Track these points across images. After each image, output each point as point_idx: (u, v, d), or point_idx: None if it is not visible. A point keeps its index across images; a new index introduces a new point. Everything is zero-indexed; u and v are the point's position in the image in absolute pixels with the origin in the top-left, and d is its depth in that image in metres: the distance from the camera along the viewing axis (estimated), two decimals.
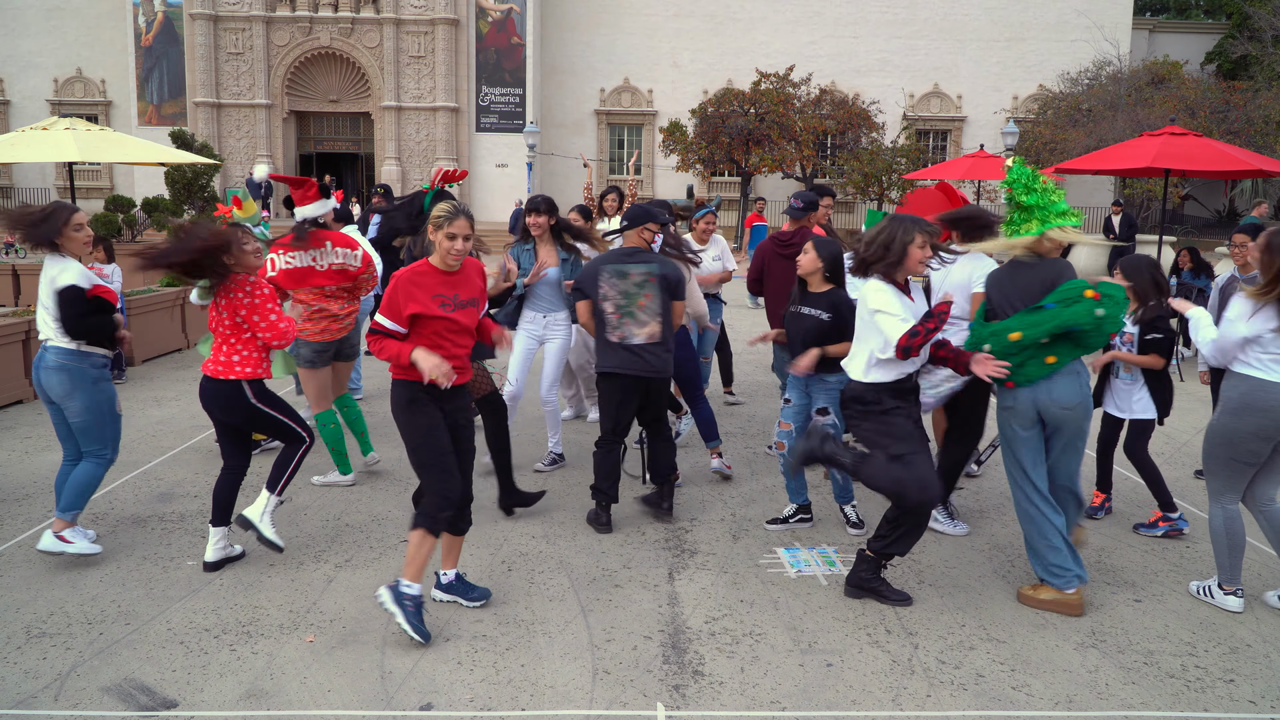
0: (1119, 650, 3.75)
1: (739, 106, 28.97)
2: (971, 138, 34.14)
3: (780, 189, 34.32)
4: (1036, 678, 3.53)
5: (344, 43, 32.12)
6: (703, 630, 3.87)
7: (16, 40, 33.88)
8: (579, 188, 34.09)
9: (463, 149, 32.88)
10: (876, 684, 3.47)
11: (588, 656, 3.65)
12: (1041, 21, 34.44)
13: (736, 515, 5.28)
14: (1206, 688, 3.49)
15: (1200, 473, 6.19)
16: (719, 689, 3.43)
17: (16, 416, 7.43)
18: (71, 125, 9.76)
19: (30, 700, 3.28)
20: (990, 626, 3.94)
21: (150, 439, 6.71)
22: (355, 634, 3.79)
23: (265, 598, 4.12)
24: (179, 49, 32.23)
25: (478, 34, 32.56)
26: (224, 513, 4.41)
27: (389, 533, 4.93)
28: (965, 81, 34.96)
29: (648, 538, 4.92)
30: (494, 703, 3.31)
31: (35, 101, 34.10)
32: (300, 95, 33.00)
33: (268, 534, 4.36)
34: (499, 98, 32.98)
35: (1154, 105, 26.40)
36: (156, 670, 3.49)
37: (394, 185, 31.98)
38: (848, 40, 34.73)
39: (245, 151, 32.51)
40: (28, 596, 4.10)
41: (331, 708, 3.27)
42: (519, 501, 5.22)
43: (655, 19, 34.68)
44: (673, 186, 33.26)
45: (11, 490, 5.57)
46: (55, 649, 3.64)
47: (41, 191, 34.22)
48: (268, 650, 3.65)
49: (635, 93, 35.21)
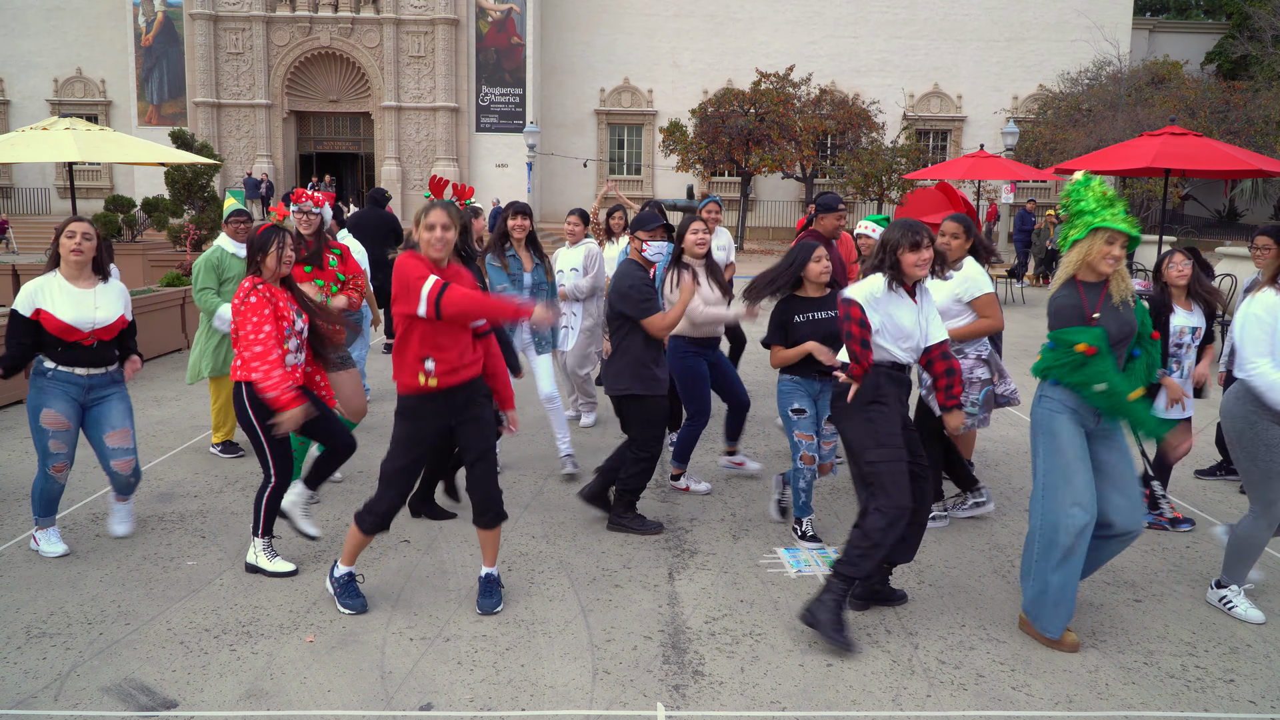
0: (1119, 650, 3.75)
1: (739, 106, 28.98)
2: (971, 138, 34.17)
3: (780, 189, 34.38)
4: (1036, 678, 3.53)
5: (344, 43, 32.14)
6: (703, 630, 3.87)
7: (16, 40, 33.90)
8: (579, 188, 34.15)
9: (463, 149, 32.90)
10: (876, 684, 3.47)
11: (588, 656, 3.65)
12: (1041, 21, 34.47)
13: (736, 515, 5.28)
14: (1206, 688, 3.49)
15: (1201, 473, 6.19)
16: (719, 689, 3.43)
17: (17, 416, 7.43)
18: (71, 125, 9.76)
19: (30, 700, 3.28)
20: (990, 626, 3.94)
21: (150, 439, 6.71)
22: (355, 634, 3.80)
23: (265, 598, 4.12)
24: (179, 49, 32.24)
25: (478, 34, 32.57)
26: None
27: (389, 532, 4.92)
28: (965, 81, 34.98)
29: (648, 538, 4.92)
30: (494, 703, 3.31)
31: (35, 101, 34.12)
32: (300, 95, 33.01)
33: (274, 569, 4.36)
34: (499, 98, 32.99)
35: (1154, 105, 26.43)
36: (156, 670, 3.49)
37: (394, 185, 32.01)
38: (848, 40, 34.75)
39: (245, 151, 32.52)
40: (28, 596, 4.10)
41: (331, 708, 3.27)
42: (431, 511, 5.17)
43: (655, 19, 34.69)
44: (673, 186, 33.28)
45: (12, 490, 5.57)
46: (55, 649, 3.64)
47: (41, 191, 34.24)
48: (268, 650, 3.65)
49: (635, 93, 35.22)
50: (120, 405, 4.55)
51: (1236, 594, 4.09)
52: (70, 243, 4.30)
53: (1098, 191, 3.75)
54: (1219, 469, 6.14)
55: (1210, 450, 6.70)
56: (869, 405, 3.81)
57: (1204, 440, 7.03)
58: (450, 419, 3.88)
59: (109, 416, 4.50)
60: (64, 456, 4.42)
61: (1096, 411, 3.72)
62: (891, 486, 3.69)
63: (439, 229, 3.71)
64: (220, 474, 5.94)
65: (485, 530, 3.98)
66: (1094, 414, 3.73)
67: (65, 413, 4.36)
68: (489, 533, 3.99)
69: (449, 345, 3.77)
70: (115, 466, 4.55)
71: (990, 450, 6.72)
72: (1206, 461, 6.46)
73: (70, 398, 4.38)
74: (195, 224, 17.06)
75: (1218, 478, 6.11)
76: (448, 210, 3.75)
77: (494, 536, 4.01)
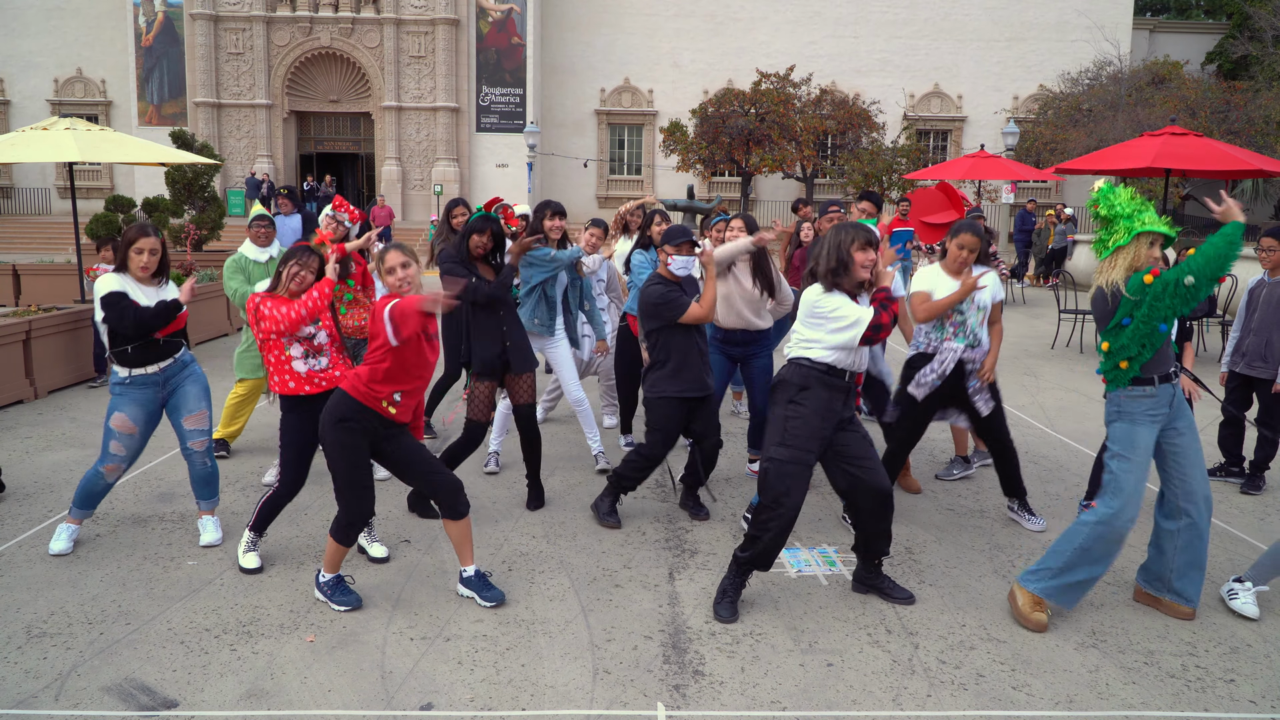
0: (1119, 650, 3.75)
1: (739, 106, 28.99)
2: (972, 138, 34.17)
3: (781, 189, 34.36)
4: (1037, 678, 3.53)
5: (344, 43, 32.14)
6: (703, 630, 3.87)
7: (16, 40, 33.90)
8: (579, 188, 34.17)
9: (463, 149, 32.90)
10: (877, 684, 3.47)
11: (588, 656, 3.65)
12: (1042, 21, 34.46)
13: (736, 515, 5.28)
14: (1207, 688, 3.49)
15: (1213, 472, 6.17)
16: (719, 689, 3.43)
17: (17, 416, 7.44)
18: (71, 125, 9.76)
19: (30, 700, 3.29)
20: (990, 626, 3.94)
21: (151, 439, 6.70)
22: (355, 634, 3.80)
23: (265, 598, 4.12)
24: (179, 49, 32.24)
25: (478, 34, 32.57)
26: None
27: (388, 532, 4.93)
28: (966, 81, 34.97)
29: (648, 538, 4.92)
30: (494, 703, 3.31)
31: (35, 101, 34.12)
32: (300, 95, 33.01)
33: (242, 564, 4.43)
34: (499, 98, 32.98)
35: (1154, 105, 26.40)
36: (157, 670, 3.49)
37: (394, 185, 32.02)
38: (848, 40, 34.75)
39: (245, 151, 32.52)
40: (28, 596, 4.10)
41: (331, 708, 3.27)
42: (424, 510, 5.22)
43: (655, 19, 34.69)
44: (673, 187, 33.27)
45: (12, 490, 5.57)
46: (55, 649, 3.64)
47: (41, 191, 34.25)
48: (268, 650, 3.65)
49: (635, 93, 35.21)
50: (194, 388, 4.76)
51: (1247, 591, 4.12)
52: (139, 259, 4.53)
53: (1125, 196, 3.81)
54: (1221, 470, 6.13)
55: (1213, 450, 6.71)
56: (789, 403, 3.93)
57: (1205, 440, 7.03)
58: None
59: (185, 401, 4.73)
60: (121, 459, 4.62)
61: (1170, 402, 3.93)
62: (775, 484, 3.87)
63: (399, 269, 3.87)
64: (221, 474, 5.93)
65: (454, 522, 4.03)
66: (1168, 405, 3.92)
67: (136, 418, 4.59)
68: (460, 528, 4.04)
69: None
70: (191, 445, 4.76)
71: None
72: (1209, 461, 6.46)
73: (146, 401, 4.62)
74: (195, 224, 17.07)
75: (1219, 478, 6.11)
76: (406, 252, 3.93)
77: (467, 534, 4.07)
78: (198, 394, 4.76)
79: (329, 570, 4.07)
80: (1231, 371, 6.01)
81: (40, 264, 14.11)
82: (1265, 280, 5.93)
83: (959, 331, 5.00)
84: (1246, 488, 5.88)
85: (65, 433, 7.00)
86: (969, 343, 4.99)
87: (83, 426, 7.19)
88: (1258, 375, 5.82)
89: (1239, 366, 5.92)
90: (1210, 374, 9.74)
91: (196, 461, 4.79)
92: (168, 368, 4.65)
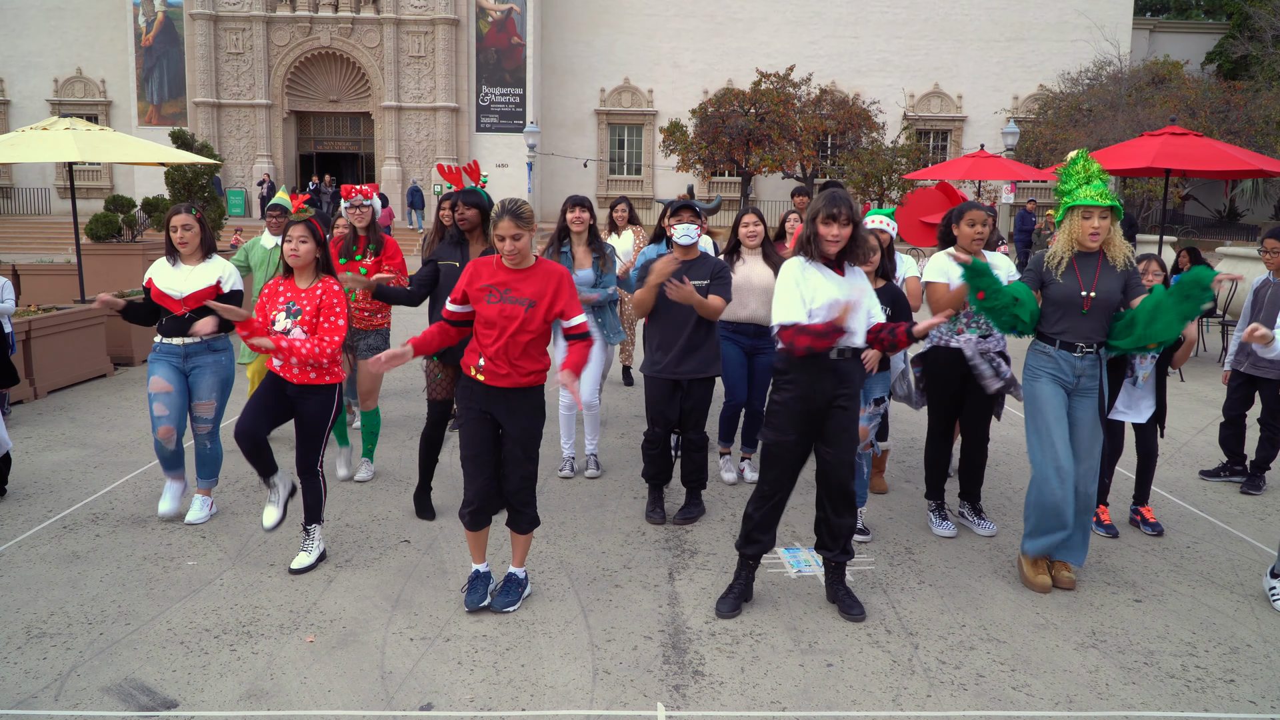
0: (1119, 650, 3.75)
1: (739, 106, 29.00)
2: (972, 138, 34.17)
3: (781, 189, 34.36)
4: (1036, 678, 3.53)
5: (344, 43, 32.14)
6: (703, 630, 3.87)
7: (16, 40, 33.91)
8: (579, 188, 34.15)
9: (463, 149, 32.90)
10: (876, 684, 3.47)
11: (588, 656, 3.65)
12: (1042, 21, 34.47)
13: (736, 515, 5.27)
14: (1207, 688, 3.49)
15: (1205, 473, 6.18)
16: (719, 689, 3.43)
17: (17, 416, 7.44)
18: (71, 125, 9.75)
19: (30, 700, 3.28)
20: (990, 626, 3.94)
21: (150, 439, 6.71)
22: (355, 634, 3.80)
23: (265, 598, 4.12)
24: (179, 49, 32.25)
25: (478, 34, 32.58)
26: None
27: (389, 532, 4.93)
28: (965, 81, 34.98)
29: (648, 538, 4.92)
30: (494, 703, 3.31)
31: (35, 101, 34.13)
32: (300, 95, 33.01)
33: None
34: (499, 98, 33.00)
35: (1154, 105, 26.42)
36: (157, 670, 3.49)
37: (394, 185, 32.03)
38: (848, 40, 34.75)
39: (245, 151, 32.53)
40: (28, 596, 4.10)
41: (331, 708, 3.27)
42: (425, 510, 5.23)
43: (655, 19, 34.70)
44: (673, 186, 33.29)
45: (12, 490, 5.57)
46: (55, 649, 3.64)
47: (41, 191, 34.25)
48: (268, 650, 3.65)
49: (635, 93, 35.22)
50: (211, 378, 4.98)
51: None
52: (175, 235, 4.86)
53: (1080, 170, 4.03)
54: (1223, 470, 6.13)
55: (1214, 450, 6.71)
56: (778, 389, 3.96)
57: (1206, 440, 7.04)
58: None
59: (199, 386, 4.97)
60: (167, 420, 4.84)
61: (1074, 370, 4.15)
62: (763, 467, 3.97)
63: (509, 240, 3.72)
64: (221, 474, 5.93)
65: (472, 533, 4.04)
66: (1072, 372, 4.15)
67: (167, 377, 4.87)
68: (477, 535, 4.04)
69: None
70: (196, 429, 5.04)
71: (991, 450, 6.70)
72: (1211, 461, 6.46)
73: (172, 366, 4.92)
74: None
75: (1220, 479, 6.11)
76: (516, 219, 3.72)
77: (483, 539, 4.06)
78: (212, 384, 4.98)
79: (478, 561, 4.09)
80: (1235, 371, 6.00)
81: (40, 264, 14.11)
82: (1270, 280, 5.93)
83: (972, 322, 4.82)
84: (1247, 488, 5.87)
85: (65, 433, 7.00)
86: (982, 333, 4.82)
87: (83, 426, 7.19)
88: (1263, 376, 5.81)
89: (1243, 366, 5.91)
90: (1212, 374, 9.75)
91: (199, 443, 5.06)
92: (190, 345, 4.92)
